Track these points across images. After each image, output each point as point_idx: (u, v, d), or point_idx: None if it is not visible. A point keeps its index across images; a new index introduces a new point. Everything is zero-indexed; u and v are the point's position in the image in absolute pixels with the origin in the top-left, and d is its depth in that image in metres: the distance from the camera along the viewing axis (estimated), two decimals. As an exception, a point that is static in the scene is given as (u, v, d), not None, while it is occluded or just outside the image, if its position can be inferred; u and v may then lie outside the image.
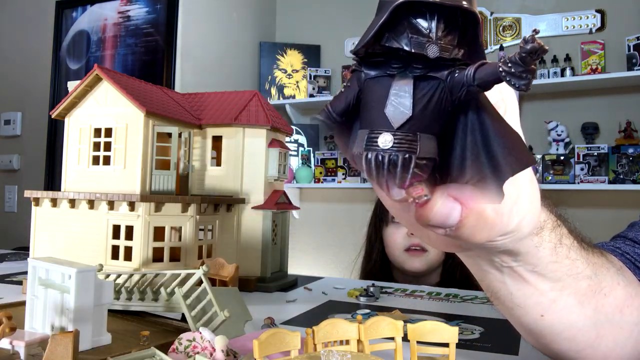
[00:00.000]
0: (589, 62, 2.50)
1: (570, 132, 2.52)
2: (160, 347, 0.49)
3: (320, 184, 2.88)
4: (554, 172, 2.40)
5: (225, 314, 0.54)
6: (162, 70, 2.46)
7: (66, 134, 0.89)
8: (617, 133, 2.43)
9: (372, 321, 0.49)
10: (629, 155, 2.28)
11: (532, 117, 2.64)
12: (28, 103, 2.90)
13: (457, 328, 0.49)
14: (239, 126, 0.98)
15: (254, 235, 0.97)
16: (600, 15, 2.56)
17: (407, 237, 1.28)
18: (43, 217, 0.87)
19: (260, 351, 0.41)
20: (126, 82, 0.85)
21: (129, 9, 2.59)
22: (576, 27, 2.61)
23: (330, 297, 0.94)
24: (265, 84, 3.09)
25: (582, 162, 2.35)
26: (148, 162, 0.83)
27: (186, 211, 0.82)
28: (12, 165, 2.91)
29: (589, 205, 2.52)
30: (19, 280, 1.02)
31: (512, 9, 2.76)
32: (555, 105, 2.62)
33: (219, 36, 2.75)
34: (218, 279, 0.81)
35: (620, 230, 0.69)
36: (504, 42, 2.74)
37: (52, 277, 0.56)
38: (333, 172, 2.86)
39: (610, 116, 2.49)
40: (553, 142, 2.50)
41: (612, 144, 2.37)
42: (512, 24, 2.75)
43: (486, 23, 2.80)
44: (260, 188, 0.98)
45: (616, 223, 2.93)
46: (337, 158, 2.86)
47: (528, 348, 0.64)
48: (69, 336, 0.43)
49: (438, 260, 1.29)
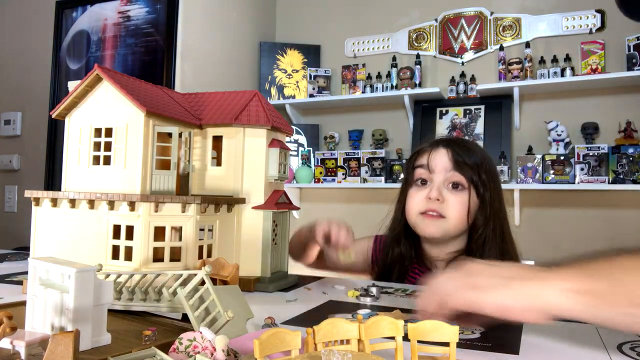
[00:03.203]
0: (589, 62, 2.50)
1: (570, 132, 2.52)
2: (161, 347, 0.49)
3: (320, 184, 2.88)
4: (554, 172, 2.41)
5: (229, 315, 0.54)
6: (162, 70, 2.46)
7: (66, 134, 0.89)
8: (617, 133, 2.43)
9: (373, 321, 0.49)
10: (629, 155, 2.28)
11: (532, 117, 2.65)
12: (28, 103, 2.91)
13: (457, 327, 0.49)
14: (240, 126, 0.98)
15: (254, 235, 0.97)
16: (600, 15, 2.56)
17: (425, 200, 1.21)
18: (43, 217, 0.87)
19: (261, 351, 0.41)
20: (126, 82, 0.85)
21: (129, 9, 2.59)
22: (576, 27, 2.61)
23: (330, 297, 0.94)
24: (265, 84, 3.09)
25: (582, 162, 2.35)
26: (148, 162, 0.83)
27: (186, 211, 0.82)
28: (12, 165, 2.91)
29: (589, 205, 2.52)
30: (19, 280, 1.02)
31: (512, 9, 2.77)
32: (555, 105, 2.62)
33: (219, 36, 2.75)
34: (218, 278, 0.81)
35: (619, 229, 0.70)
36: (504, 42, 2.74)
37: (52, 277, 0.56)
38: (333, 172, 2.86)
39: (610, 116, 2.49)
40: (553, 142, 2.51)
41: (612, 144, 2.38)
42: (512, 24, 2.75)
43: (486, 23, 2.80)
44: (260, 188, 0.98)
45: (616, 223, 2.95)
46: (337, 158, 2.86)
47: (528, 348, 0.64)
48: (69, 336, 0.43)
49: (455, 230, 1.21)
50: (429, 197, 1.19)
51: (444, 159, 1.21)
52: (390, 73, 2.88)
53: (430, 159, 1.23)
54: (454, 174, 1.19)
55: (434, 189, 1.20)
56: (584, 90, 2.56)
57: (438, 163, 1.21)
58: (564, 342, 0.68)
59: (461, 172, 1.19)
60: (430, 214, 1.20)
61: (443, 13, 2.90)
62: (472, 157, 1.22)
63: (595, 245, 2.45)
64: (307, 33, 3.22)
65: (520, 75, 2.59)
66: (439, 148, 1.23)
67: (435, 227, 1.20)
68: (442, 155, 1.22)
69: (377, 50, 3.04)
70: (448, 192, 1.20)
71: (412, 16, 2.98)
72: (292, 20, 3.29)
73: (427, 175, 1.23)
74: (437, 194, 1.19)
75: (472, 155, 1.22)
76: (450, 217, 1.19)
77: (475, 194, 1.20)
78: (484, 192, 1.20)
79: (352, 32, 3.11)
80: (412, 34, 2.97)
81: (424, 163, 1.23)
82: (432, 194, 1.19)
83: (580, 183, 2.34)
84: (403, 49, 2.97)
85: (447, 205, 1.19)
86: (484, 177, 1.21)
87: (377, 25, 3.06)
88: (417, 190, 1.24)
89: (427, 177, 1.23)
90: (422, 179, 1.24)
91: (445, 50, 2.88)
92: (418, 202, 1.22)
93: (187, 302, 0.58)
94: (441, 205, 1.19)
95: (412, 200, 1.24)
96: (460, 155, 1.20)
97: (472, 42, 2.83)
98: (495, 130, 2.66)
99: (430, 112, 2.84)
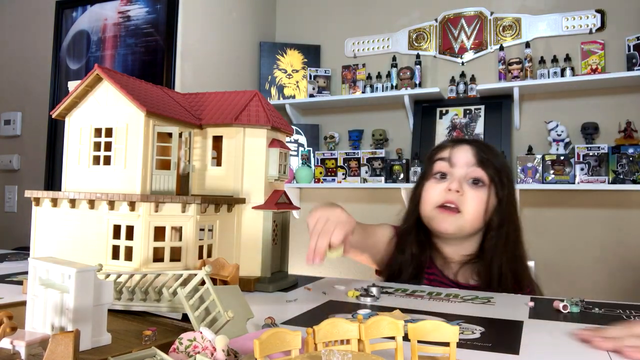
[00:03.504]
0: (589, 62, 2.50)
1: (570, 132, 2.52)
2: (161, 347, 0.49)
3: (320, 184, 2.88)
4: (554, 172, 2.40)
5: (229, 315, 0.54)
6: (162, 70, 2.46)
7: (66, 134, 0.89)
8: (617, 133, 2.43)
9: (373, 321, 0.49)
10: (629, 155, 2.28)
11: (532, 117, 2.64)
12: (28, 103, 2.91)
13: (457, 327, 0.49)
14: (240, 126, 0.98)
15: (254, 235, 0.97)
16: (600, 15, 2.56)
17: (444, 192, 1.18)
18: (43, 217, 0.87)
19: (261, 351, 0.41)
20: (126, 82, 0.85)
21: (129, 9, 2.59)
22: (576, 27, 2.61)
23: (330, 297, 0.94)
24: (265, 84, 3.09)
25: (582, 162, 2.35)
26: (148, 162, 0.83)
27: (186, 211, 0.82)
28: (12, 165, 2.91)
29: (589, 205, 2.52)
30: (19, 280, 1.02)
31: (512, 9, 2.77)
32: (555, 105, 2.62)
33: (219, 36, 2.75)
34: (219, 278, 0.81)
35: (619, 229, 0.70)
36: (504, 42, 2.74)
37: (53, 277, 0.56)
38: (333, 172, 2.86)
39: (610, 116, 2.49)
40: (553, 142, 2.50)
41: (612, 144, 2.37)
42: (512, 24, 2.75)
43: (486, 23, 2.80)
44: (260, 188, 0.98)
45: (616, 223, 2.95)
46: (337, 158, 2.86)
47: (528, 348, 0.64)
48: (69, 336, 0.43)
49: (471, 228, 1.18)
50: (449, 189, 1.17)
51: (467, 154, 1.20)
52: (390, 73, 2.88)
53: (452, 152, 1.22)
54: (476, 169, 1.19)
55: (454, 181, 1.18)
56: (584, 90, 2.56)
57: (461, 157, 1.20)
58: (564, 342, 0.68)
59: (484, 168, 1.18)
60: (448, 205, 1.17)
61: (443, 13, 2.90)
62: (495, 158, 1.22)
63: (595, 246, 2.46)
64: (307, 33, 3.22)
65: (520, 75, 2.59)
66: (462, 144, 1.23)
67: (450, 222, 1.18)
68: (465, 151, 1.21)
69: (377, 50, 3.04)
70: (468, 186, 1.18)
71: (412, 16, 2.98)
72: (292, 20, 3.29)
73: (447, 169, 1.21)
74: (457, 186, 1.17)
75: (495, 157, 1.22)
76: (467, 212, 1.17)
77: (494, 193, 1.19)
78: (502, 194, 1.19)
79: (352, 32, 3.10)
80: (412, 34, 2.96)
81: (445, 156, 1.22)
82: (453, 185, 1.17)
83: (580, 183, 2.34)
84: (403, 49, 2.97)
85: (465, 199, 1.17)
86: (504, 179, 1.20)
87: (377, 25, 3.05)
88: (436, 183, 1.22)
89: (448, 170, 1.21)
90: (441, 172, 1.22)
91: (445, 50, 2.88)
92: (435, 195, 1.20)
93: (187, 302, 0.58)
94: (460, 198, 1.17)
95: (430, 193, 1.22)
96: (484, 153, 1.20)
97: (472, 42, 2.83)
98: (495, 130, 2.65)
99: (430, 112, 2.84)
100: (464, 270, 1.23)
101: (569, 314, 0.85)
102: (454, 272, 1.23)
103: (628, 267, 2.40)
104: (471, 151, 1.20)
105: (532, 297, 0.99)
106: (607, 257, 2.44)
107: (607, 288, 2.43)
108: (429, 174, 1.25)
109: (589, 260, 2.48)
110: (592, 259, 2.47)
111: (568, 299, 0.89)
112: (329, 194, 3.09)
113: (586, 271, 2.48)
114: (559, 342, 0.68)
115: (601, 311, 0.87)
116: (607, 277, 2.44)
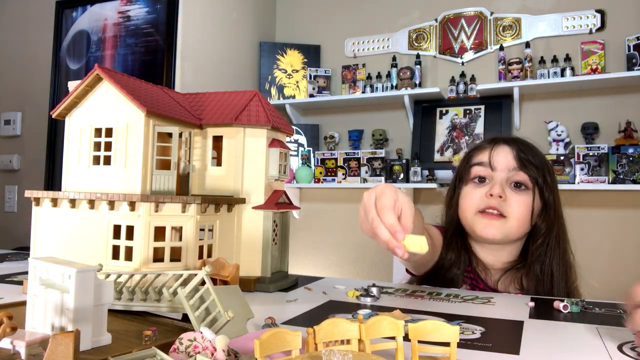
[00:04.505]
0: (589, 62, 2.50)
1: (570, 132, 2.52)
2: (161, 347, 0.49)
3: (320, 184, 2.88)
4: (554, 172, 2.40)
5: (229, 315, 0.54)
6: (162, 70, 2.46)
7: (66, 134, 0.89)
8: (617, 133, 2.43)
9: (373, 321, 0.49)
10: (629, 155, 2.28)
11: (532, 117, 2.65)
12: (28, 103, 2.91)
13: (457, 327, 0.49)
14: (240, 126, 0.98)
15: (254, 235, 0.97)
16: (600, 15, 2.56)
17: (484, 197, 1.12)
18: (43, 217, 0.87)
19: (262, 351, 0.41)
20: (127, 82, 0.85)
21: (129, 9, 2.59)
22: (576, 27, 2.61)
23: (330, 297, 0.94)
24: (265, 84, 3.09)
25: (582, 162, 2.35)
26: (148, 162, 0.83)
27: (186, 211, 0.82)
28: (12, 165, 2.91)
29: (589, 205, 2.52)
30: (19, 280, 1.02)
31: (512, 9, 2.77)
32: (555, 105, 2.62)
33: (219, 36, 2.75)
34: (219, 278, 0.81)
35: (619, 229, 0.69)
36: (504, 42, 2.74)
37: (53, 277, 0.56)
38: (333, 172, 2.86)
39: (610, 116, 2.49)
40: (553, 142, 2.51)
41: (612, 144, 2.38)
42: (512, 24, 2.75)
43: (486, 23, 2.80)
44: (260, 188, 0.98)
45: (616, 223, 2.95)
46: (337, 158, 2.86)
47: (528, 348, 0.64)
48: (69, 336, 0.43)
49: (517, 233, 1.12)
50: (490, 194, 1.11)
51: (508, 157, 1.14)
52: (390, 73, 2.88)
53: (492, 155, 1.15)
54: (518, 172, 1.12)
55: (495, 185, 1.12)
56: (584, 90, 2.56)
57: (501, 160, 1.14)
58: (564, 342, 0.68)
59: (526, 171, 1.12)
60: (490, 211, 1.11)
61: (443, 13, 2.90)
62: (537, 157, 1.15)
63: (595, 246, 2.46)
64: (307, 33, 3.22)
65: (520, 75, 2.59)
66: (501, 145, 1.16)
67: (496, 229, 1.10)
68: (505, 153, 1.15)
69: (377, 50, 3.04)
70: (510, 190, 1.12)
71: (412, 16, 2.98)
72: (292, 20, 3.29)
73: (487, 173, 1.15)
74: (499, 191, 1.10)
75: (536, 155, 1.16)
76: (512, 217, 1.10)
77: (539, 196, 1.13)
78: (548, 196, 1.13)
79: (352, 32, 3.11)
80: (412, 34, 2.96)
81: (484, 160, 1.16)
82: (495, 190, 1.11)
83: (580, 183, 2.34)
84: (403, 49, 2.97)
85: (508, 203, 1.11)
86: (548, 179, 1.14)
87: (377, 25, 3.06)
88: (474, 187, 1.16)
89: (487, 174, 1.15)
90: (480, 176, 1.16)
91: (445, 50, 2.88)
92: (476, 200, 1.14)
93: (188, 302, 0.58)
94: (502, 203, 1.10)
95: (469, 199, 1.15)
96: (525, 154, 1.14)
97: (472, 42, 2.83)
98: (495, 130, 2.65)
99: (430, 112, 2.84)
100: (505, 278, 1.17)
101: (570, 314, 0.85)
102: (495, 279, 1.17)
103: (628, 267, 2.40)
104: (511, 153, 1.14)
105: (532, 297, 0.99)
106: (607, 257, 2.44)
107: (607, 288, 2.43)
108: (467, 179, 1.19)
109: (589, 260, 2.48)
110: (592, 259, 2.47)
111: (568, 299, 0.89)
112: (329, 194, 3.09)
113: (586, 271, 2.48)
114: (559, 342, 0.68)
115: (601, 311, 0.87)
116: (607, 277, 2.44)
